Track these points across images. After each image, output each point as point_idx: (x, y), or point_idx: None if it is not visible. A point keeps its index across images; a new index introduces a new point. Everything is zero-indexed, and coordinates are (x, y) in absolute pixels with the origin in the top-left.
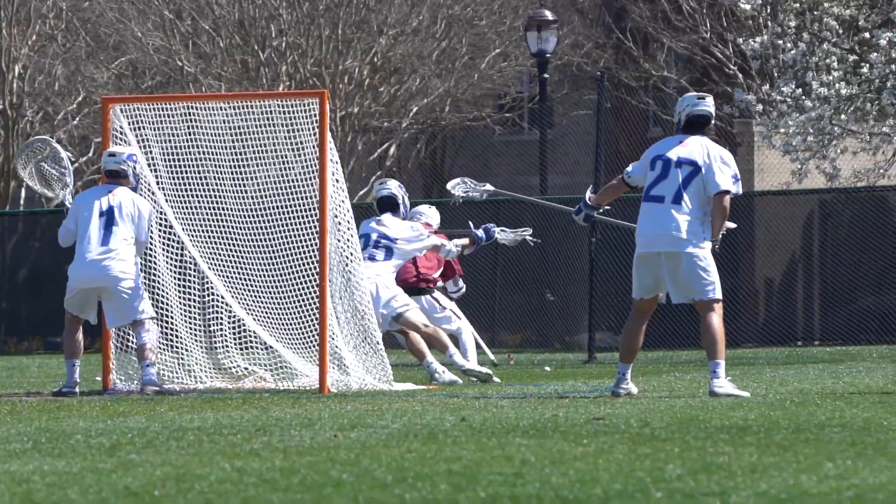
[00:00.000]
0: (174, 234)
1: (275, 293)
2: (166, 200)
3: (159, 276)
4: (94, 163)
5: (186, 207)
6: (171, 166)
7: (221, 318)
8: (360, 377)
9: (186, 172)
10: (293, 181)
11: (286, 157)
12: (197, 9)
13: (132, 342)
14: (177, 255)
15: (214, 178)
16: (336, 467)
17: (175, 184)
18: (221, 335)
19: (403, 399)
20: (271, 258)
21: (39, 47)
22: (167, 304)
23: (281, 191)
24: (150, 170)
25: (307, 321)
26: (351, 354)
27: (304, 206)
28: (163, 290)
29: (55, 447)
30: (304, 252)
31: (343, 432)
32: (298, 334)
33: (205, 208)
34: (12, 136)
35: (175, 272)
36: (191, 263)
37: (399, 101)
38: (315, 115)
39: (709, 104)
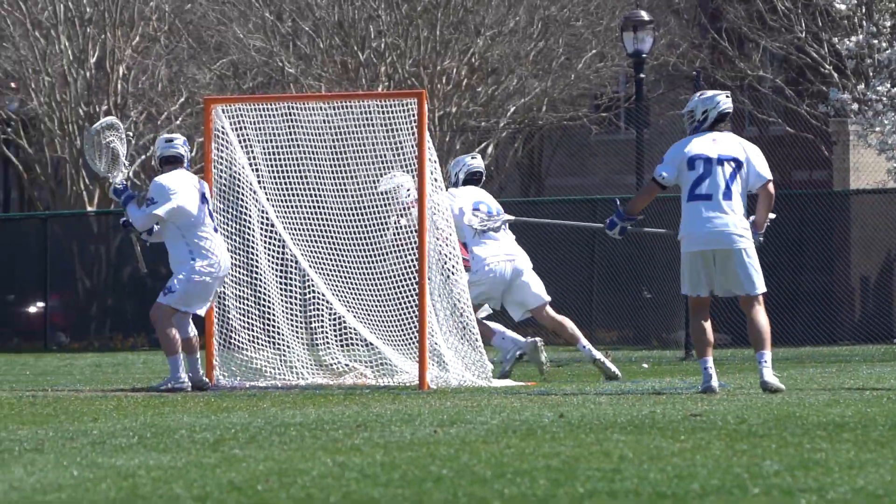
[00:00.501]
0: (275, 233)
1: (375, 290)
2: (268, 199)
3: (261, 274)
4: (196, 162)
5: (287, 206)
6: (272, 166)
7: (322, 316)
8: (460, 373)
9: (287, 172)
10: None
11: (385, 157)
12: (297, 10)
13: (233, 339)
14: (278, 253)
15: (315, 177)
16: (436, 463)
17: (276, 183)
18: (322, 332)
19: (502, 395)
20: (371, 256)
21: (143, 49)
22: (269, 302)
23: (381, 190)
24: (252, 169)
25: (407, 318)
26: (450, 351)
27: (403, 204)
28: (265, 288)
29: (160, 442)
30: (403, 250)
31: (443, 428)
32: (398, 331)
33: (305, 207)
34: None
35: (276, 270)
36: (292, 261)
37: (496, 101)
38: (413, 115)
39: (730, 100)
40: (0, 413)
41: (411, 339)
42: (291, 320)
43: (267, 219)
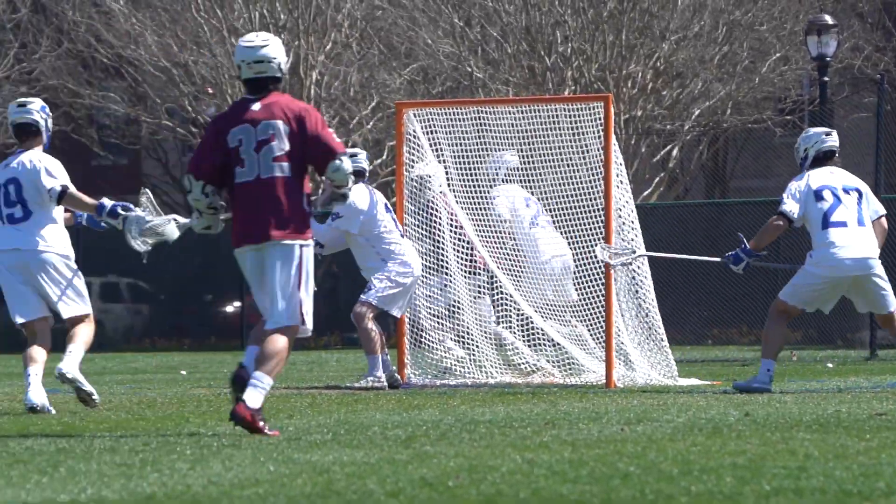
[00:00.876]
0: (464, 234)
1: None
2: (457, 201)
3: (451, 275)
4: (387, 165)
5: (476, 208)
6: (461, 168)
7: (510, 316)
8: (646, 372)
9: (476, 174)
10: (578, 183)
11: (571, 160)
12: (485, 17)
13: (424, 338)
14: (467, 254)
15: (503, 179)
16: (623, 460)
17: (465, 185)
18: (510, 332)
19: (688, 394)
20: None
21: (335, 55)
22: (458, 302)
23: (567, 192)
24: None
25: (593, 318)
26: (636, 350)
27: (589, 207)
28: (454, 288)
29: (354, 438)
30: (590, 251)
31: (629, 426)
32: (585, 331)
33: (494, 209)
34: None
35: (465, 271)
36: (481, 263)
37: (681, 105)
38: (600, 119)
39: (835, 139)
40: (199, 410)
41: (598, 338)
42: (480, 320)
43: (456, 220)
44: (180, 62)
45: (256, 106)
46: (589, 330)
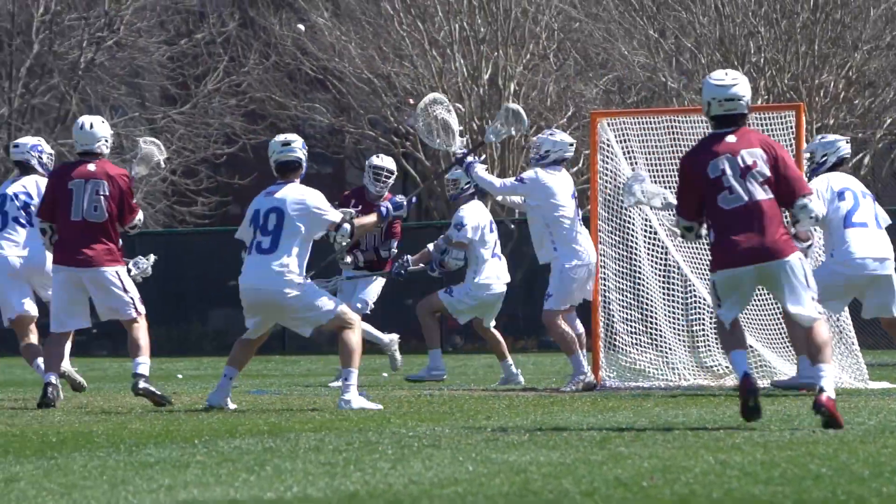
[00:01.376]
0: (658, 240)
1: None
2: (651, 208)
3: (644, 279)
4: (582, 173)
5: (670, 214)
6: (654, 176)
7: (703, 319)
8: (836, 375)
9: (669, 181)
10: None
11: None
12: (680, 28)
13: (617, 341)
14: (661, 259)
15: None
16: (815, 461)
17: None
18: (703, 335)
19: (879, 397)
20: None
21: (532, 66)
22: (652, 306)
23: None
24: None
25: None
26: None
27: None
28: (647, 292)
29: (549, 439)
30: None
31: (821, 428)
32: (776, 334)
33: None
34: (508, 149)
35: (659, 276)
36: (674, 267)
37: (873, 113)
38: (792, 128)
39: (848, 146)
40: (399, 411)
41: (787, 341)
42: (674, 324)
43: (650, 226)
44: (383, 74)
45: (731, 138)
46: (781, 333)
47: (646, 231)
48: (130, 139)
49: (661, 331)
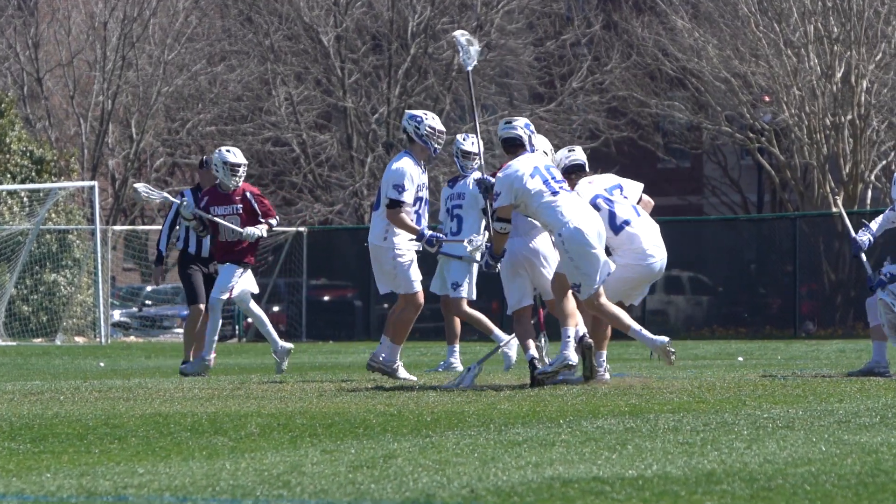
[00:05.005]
0: None
1: None
2: None
3: None
4: None
5: None
6: None
7: None
8: None
9: None
10: None
11: None
12: None
13: None
14: None
15: None
16: None
17: None
18: None
19: None
20: None
21: (884, 64)
22: None
23: None
24: None
25: None
26: None
27: None
28: None
29: None
30: None
31: None
32: None
33: None
34: (860, 144)
35: None
36: None
37: None
38: None
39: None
40: (755, 394)
41: None
42: None
43: None
44: (739, 73)
45: None
46: None
47: None
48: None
49: None
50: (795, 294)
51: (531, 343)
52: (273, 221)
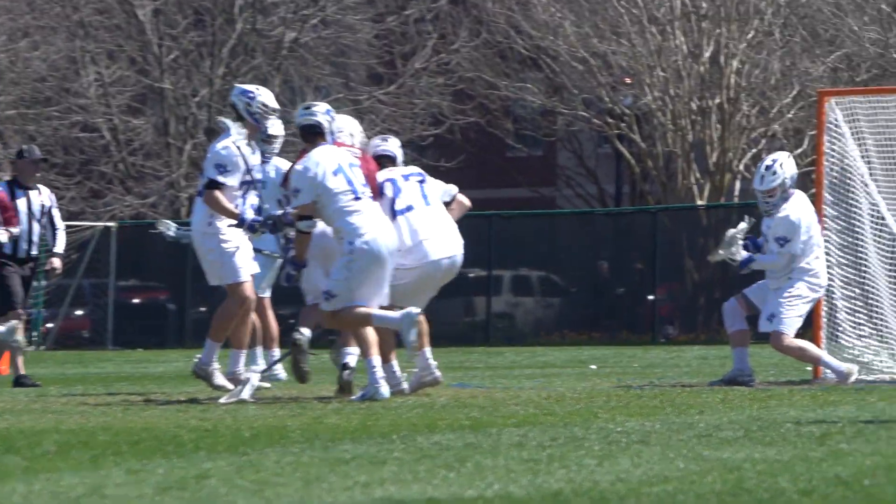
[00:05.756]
0: (886, 227)
1: None
2: (879, 192)
3: (870, 268)
4: (807, 155)
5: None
6: (884, 158)
7: None
8: None
9: None
10: None
11: None
12: None
13: (840, 333)
14: (889, 247)
15: None
16: None
17: (888, 176)
18: None
19: None
20: None
21: (756, 43)
22: (878, 295)
23: None
24: (864, 161)
25: None
26: None
27: None
28: (873, 282)
29: (766, 435)
30: None
31: None
32: None
33: None
34: (728, 130)
35: (886, 264)
36: None
37: None
38: None
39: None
40: (607, 405)
41: None
42: None
43: (878, 212)
44: (598, 52)
45: None
46: None
47: (873, 217)
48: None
49: (886, 321)
50: (655, 295)
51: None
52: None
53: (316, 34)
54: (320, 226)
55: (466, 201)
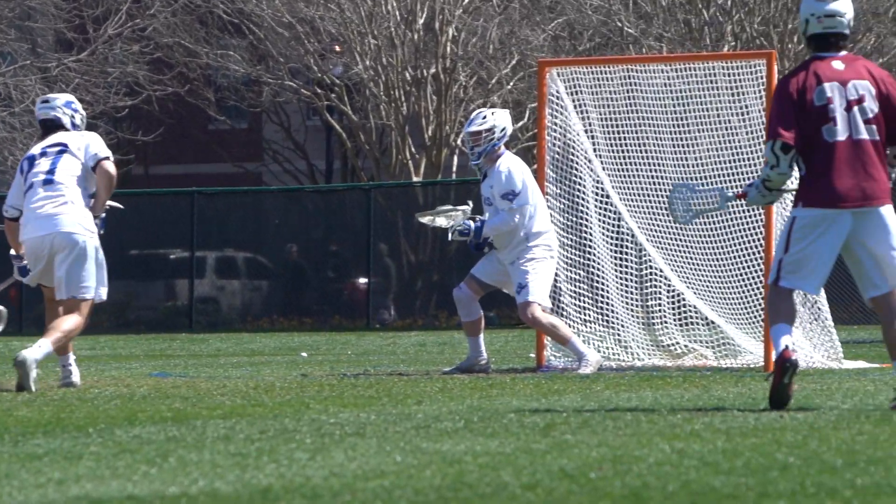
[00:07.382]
0: (611, 204)
1: (716, 266)
2: (603, 169)
3: (595, 248)
4: (528, 129)
5: (624, 176)
6: (608, 132)
7: (660, 293)
8: (808, 354)
9: (625, 139)
10: (737, 147)
11: (730, 122)
12: None
13: (565, 317)
14: (613, 226)
15: (653, 144)
16: (782, 450)
17: (612, 151)
18: (660, 310)
19: (854, 378)
20: (713, 228)
21: (473, 9)
22: (603, 278)
23: (724, 158)
24: (587, 136)
25: (751, 294)
26: (797, 330)
27: (750, 173)
28: (598, 263)
29: (487, 426)
30: (748, 221)
31: (789, 413)
32: (741, 309)
33: (643, 176)
34: (445, 102)
35: (611, 244)
36: (628, 235)
37: None
38: (762, 78)
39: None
40: (320, 396)
41: (756, 317)
42: (627, 298)
43: (602, 189)
44: (305, 18)
45: (839, 64)
46: (746, 308)
47: (597, 194)
48: (20, 90)
49: (612, 305)
50: (369, 278)
51: None
52: None
53: None
54: None
55: (110, 172)
